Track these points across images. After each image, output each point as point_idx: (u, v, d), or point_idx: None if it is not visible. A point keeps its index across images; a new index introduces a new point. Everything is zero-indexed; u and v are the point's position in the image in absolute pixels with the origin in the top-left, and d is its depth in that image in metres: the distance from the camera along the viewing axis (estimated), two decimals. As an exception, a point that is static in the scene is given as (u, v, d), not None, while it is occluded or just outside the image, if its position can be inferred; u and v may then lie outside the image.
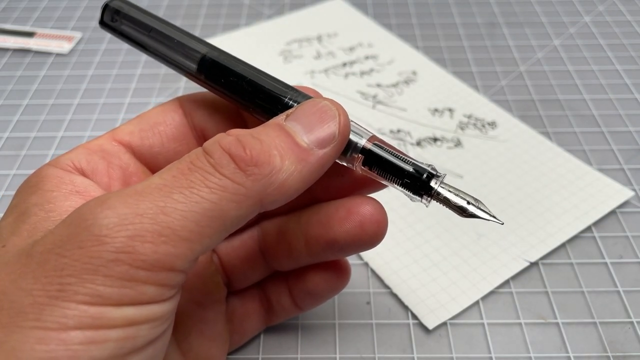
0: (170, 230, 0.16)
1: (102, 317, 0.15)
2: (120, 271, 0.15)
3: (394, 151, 0.19)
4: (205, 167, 0.17)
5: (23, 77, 0.43)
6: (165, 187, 0.17)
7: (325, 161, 0.18)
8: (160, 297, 0.16)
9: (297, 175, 0.18)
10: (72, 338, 0.15)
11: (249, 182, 0.17)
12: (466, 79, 0.42)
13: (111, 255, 0.15)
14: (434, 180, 0.19)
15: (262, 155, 0.17)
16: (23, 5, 0.51)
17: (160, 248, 0.16)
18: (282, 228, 0.23)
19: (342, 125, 0.19)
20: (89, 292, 0.15)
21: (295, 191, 0.18)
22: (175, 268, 0.16)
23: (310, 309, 0.25)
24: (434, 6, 0.51)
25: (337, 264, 0.24)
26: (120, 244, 0.15)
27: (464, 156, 0.36)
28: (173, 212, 0.16)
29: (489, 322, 0.27)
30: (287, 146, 0.18)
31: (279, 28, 0.48)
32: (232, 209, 0.17)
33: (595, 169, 0.35)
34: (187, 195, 0.16)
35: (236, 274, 0.24)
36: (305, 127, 0.18)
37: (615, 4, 0.51)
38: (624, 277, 0.29)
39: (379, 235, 0.21)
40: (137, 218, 0.16)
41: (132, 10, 0.22)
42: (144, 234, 0.16)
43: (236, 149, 0.17)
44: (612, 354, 0.26)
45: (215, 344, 0.23)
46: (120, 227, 0.15)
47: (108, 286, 0.15)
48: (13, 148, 0.37)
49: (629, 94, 0.41)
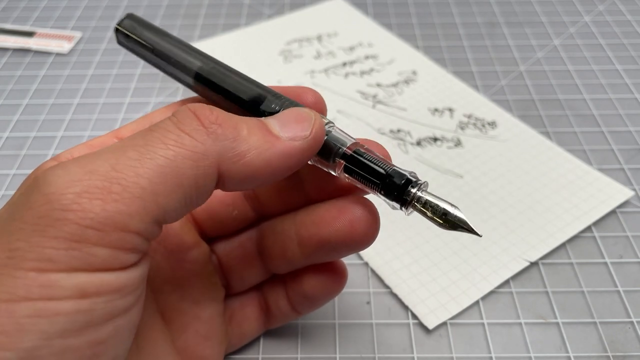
0: (120, 186, 0.15)
1: (52, 285, 0.14)
2: (69, 231, 0.14)
3: (376, 158, 0.19)
4: (166, 126, 0.17)
5: (23, 77, 0.43)
6: (122, 147, 0.16)
7: (294, 152, 0.18)
8: (115, 262, 0.15)
9: (261, 153, 0.17)
10: (21, 310, 0.14)
11: (209, 141, 0.17)
12: (466, 79, 0.42)
13: (59, 213, 0.14)
14: (413, 186, 0.18)
15: (228, 120, 0.17)
16: (23, 4, 0.51)
17: (110, 205, 0.15)
18: (277, 229, 0.23)
19: (317, 127, 0.19)
20: (37, 256, 0.14)
21: (256, 171, 0.17)
22: (128, 228, 0.15)
23: (308, 313, 0.25)
24: (434, 6, 0.51)
25: (333, 267, 0.23)
26: (68, 201, 0.15)
27: (464, 156, 0.36)
28: (125, 169, 0.15)
29: (489, 322, 0.27)
30: (257, 127, 0.18)
31: (279, 28, 0.48)
32: (188, 167, 0.16)
33: (595, 168, 0.35)
34: (142, 152, 0.16)
35: (234, 276, 0.24)
36: (280, 123, 0.19)
37: (615, 3, 0.51)
38: (624, 277, 0.29)
39: (370, 235, 0.20)
40: (87, 175, 0.15)
41: (137, 30, 0.23)
42: (93, 191, 0.15)
43: (202, 109, 0.17)
44: (612, 354, 0.26)
45: (210, 344, 0.23)
46: (69, 184, 0.15)
47: (56, 248, 0.14)
48: (13, 148, 0.37)
49: (629, 93, 0.41)
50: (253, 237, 0.24)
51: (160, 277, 0.22)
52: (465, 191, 0.33)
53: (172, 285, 0.22)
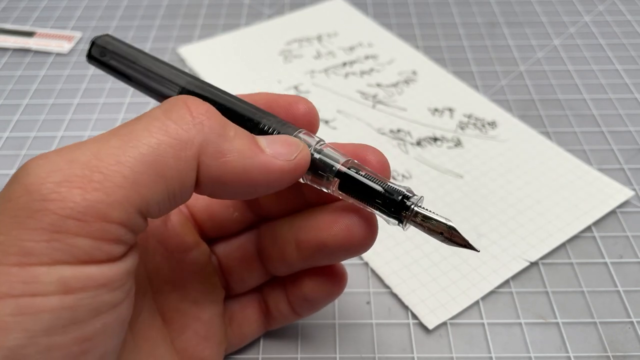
0: (101, 175, 0.15)
1: (35, 280, 0.14)
2: (49, 222, 0.14)
3: (370, 174, 0.19)
4: (154, 114, 0.16)
5: (23, 77, 0.43)
6: (106, 136, 0.16)
7: (273, 168, 0.18)
8: (98, 253, 0.15)
9: (241, 159, 0.17)
10: (4, 307, 0.14)
11: (194, 130, 0.16)
12: (466, 79, 0.42)
13: (38, 204, 0.14)
14: (409, 204, 0.18)
15: (217, 116, 0.17)
16: (23, 4, 0.51)
17: (90, 195, 0.14)
18: (276, 231, 0.23)
19: (302, 154, 0.19)
20: (18, 250, 0.14)
21: (233, 177, 0.17)
22: (110, 218, 0.15)
23: (308, 315, 0.25)
24: (434, 6, 0.51)
25: (333, 270, 0.23)
26: (47, 190, 0.14)
27: (464, 156, 0.36)
28: (107, 157, 0.15)
29: (489, 322, 0.27)
30: (245, 135, 0.18)
31: (279, 28, 0.48)
32: (171, 157, 0.16)
33: (595, 168, 0.35)
34: (124, 140, 0.15)
35: (234, 277, 0.24)
36: (267, 140, 0.18)
37: (615, 3, 0.51)
38: (624, 277, 0.29)
39: (367, 240, 0.20)
40: (68, 164, 0.15)
41: (119, 46, 0.22)
42: (73, 179, 0.14)
43: (194, 100, 0.17)
44: (612, 354, 0.26)
45: (209, 345, 0.23)
46: (49, 173, 0.14)
47: (36, 241, 0.14)
48: (13, 148, 0.37)
49: (629, 93, 0.41)
50: (253, 239, 0.24)
51: (161, 277, 0.22)
52: (465, 191, 0.33)
53: (172, 286, 0.22)
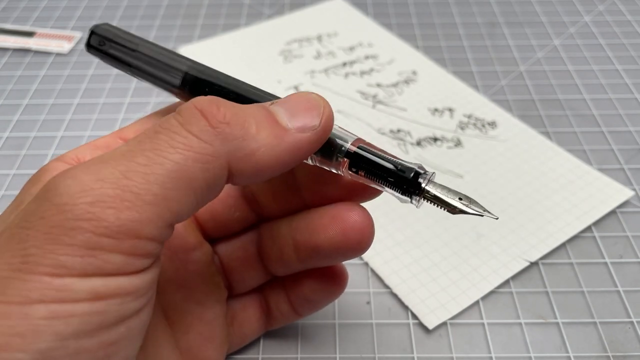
0: (132, 194, 0.15)
1: (66, 289, 0.14)
2: (83, 239, 0.15)
3: (380, 152, 0.19)
4: (173, 127, 0.16)
5: (23, 77, 0.43)
6: (130, 152, 0.16)
7: (302, 145, 0.18)
8: (129, 267, 0.15)
9: (270, 150, 0.17)
10: (35, 312, 0.14)
11: (218, 141, 0.16)
12: (466, 79, 0.42)
13: (72, 223, 0.15)
14: (422, 179, 0.19)
15: (236, 117, 0.17)
16: (23, 4, 0.51)
17: (124, 214, 0.15)
18: (275, 232, 0.23)
19: (326, 116, 0.18)
20: (51, 262, 0.14)
21: (266, 167, 0.17)
22: (142, 235, 0.15)
23: (309, 315, 0.25)
24: (434, 6, 0.51)
25: (333, 271, 0.23)
26: (81, 210, 0.15)
27: (464, 156, 0.36)
28: (135, 176, 0.15)
29: (489, 322, 0.27)
30: (266, 120, 0.18)
31: (279, 28, 0.48)
32: (198, 170, 0.16)
33: (595, 168, 0.35)
34: (150, 157, 0.16)
35: (236, 277, 0.24)
36: (288, 112, 0.18)
37: (615, 3, 0.51)
38: (624, 277, 0.29)
39: (362, 243, 0.20)
40: (98, 183, 0.15)
41: (119, 33, 0.22)
42: (106, 199, 0.15)
43: (209, 107, 0.17)
44: (612, 354, 0.26)
45: (212, 345, 0.23)
46: (80, 193, 0.15)
47: (71, 255, 0.14)
48: (13, 148, 0.37)
49: (629, 93, 0.41)
50: (253, 239, 0.24)
51: (164, 277, 0.22)
52: (465, 191, 0.33)
53: (175, 286, 0.22)
